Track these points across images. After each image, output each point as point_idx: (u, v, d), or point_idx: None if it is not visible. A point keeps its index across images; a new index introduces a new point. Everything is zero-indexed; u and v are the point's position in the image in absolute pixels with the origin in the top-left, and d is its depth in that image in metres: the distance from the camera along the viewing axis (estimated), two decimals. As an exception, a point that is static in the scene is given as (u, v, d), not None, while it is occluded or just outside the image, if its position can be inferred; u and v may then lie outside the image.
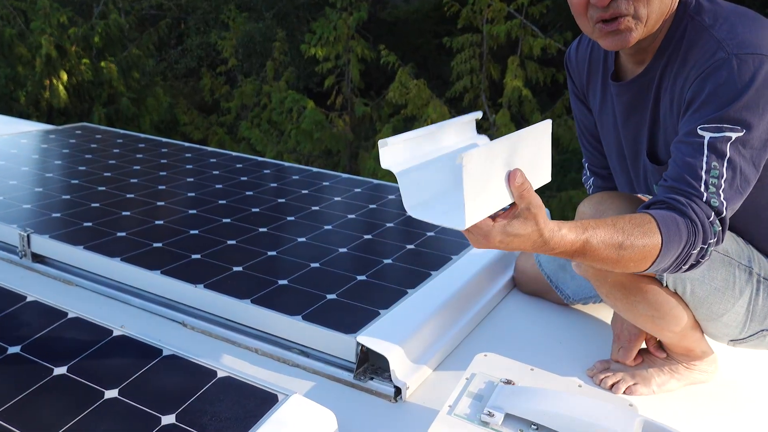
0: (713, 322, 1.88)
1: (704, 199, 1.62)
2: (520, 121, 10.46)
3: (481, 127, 10.47)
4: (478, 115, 1.65)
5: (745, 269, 1.84)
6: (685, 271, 1.67)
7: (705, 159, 1.62)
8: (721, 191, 1.62)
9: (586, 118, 2.24)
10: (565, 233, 1.50)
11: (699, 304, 1.84)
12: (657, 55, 1.82)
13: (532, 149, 1.54)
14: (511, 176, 1.45)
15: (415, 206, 1.46)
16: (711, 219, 1.63)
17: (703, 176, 1.62)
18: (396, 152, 1.46)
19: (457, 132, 1.62)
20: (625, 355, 2.04)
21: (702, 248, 1.63)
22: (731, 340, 1.93)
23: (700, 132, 1.64)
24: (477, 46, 10.41)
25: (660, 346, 2.05)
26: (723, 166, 1.62)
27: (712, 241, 1.63)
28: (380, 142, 1.43)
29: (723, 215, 1.64)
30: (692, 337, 1.93)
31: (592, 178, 2.35)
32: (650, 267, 1.61)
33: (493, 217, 1.46)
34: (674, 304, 1.84)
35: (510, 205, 1.49)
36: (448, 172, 1.48)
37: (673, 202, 1.63)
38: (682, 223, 1.59)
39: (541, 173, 1.59)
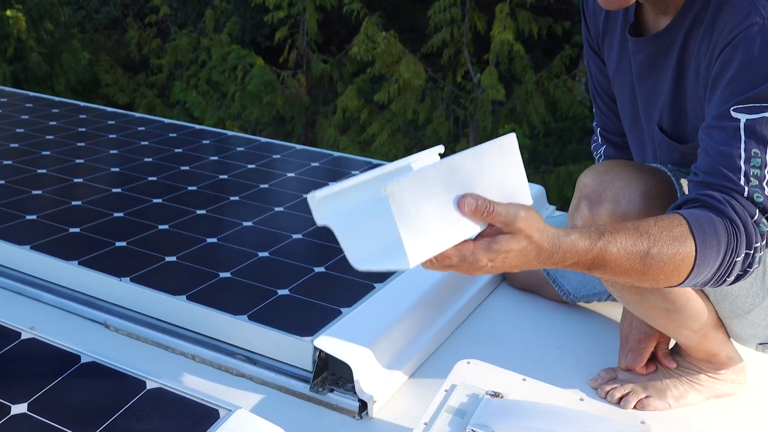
0: (738, 320, 1.88)
1: (745, 194, 1.59)
2: (510, 82, 10.48)
3: (464, 89, 10.49)
4: (441, 149, 1.59)
5: (778, 256, 1.83)
6: (731, 283, 1.65)
7: (743, 146, 1.59)
8: (765, 183, 1.59)
9: (600, 72, 2.23)
10: (575, 240, 1.48)
11: (722, 297, 1.84)
12: (682, 10, 1.79)
13: (494, 170, 1.51)
14: (460, 205, 1.43)
15: (361, 258, 1.46)
16: (755, 218, 1.59)
17: (742, 166, 1.59)
18: (330, 205, 1.45)
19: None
20: (635, 360, 2.02)
21: (747, 254, 1.60)
22: (760, 344, 1.94)
23: (734, 114, 1.60)
24: (459, -8, 10.42)
25: (670, 353, 2.05)
26: (765, 153, 1.58)
27: (758, 244, 1.60)
28: (308, 197, 1.42)
29: None
30: (715, 338, 1.93)
31: (603, 147, 2.34)
32: (686, 280, 1.59)
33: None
34: (692, 296, 1.84)
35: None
36: (377, 207, 1.44)
37: (708, 199, 1.60)
38: (720, 224, 1.57)
39: (514, 198, 1.54)
